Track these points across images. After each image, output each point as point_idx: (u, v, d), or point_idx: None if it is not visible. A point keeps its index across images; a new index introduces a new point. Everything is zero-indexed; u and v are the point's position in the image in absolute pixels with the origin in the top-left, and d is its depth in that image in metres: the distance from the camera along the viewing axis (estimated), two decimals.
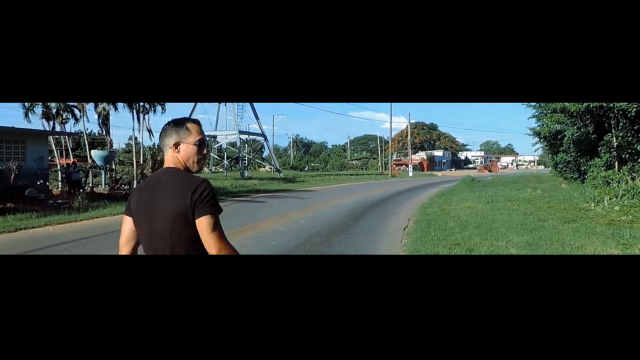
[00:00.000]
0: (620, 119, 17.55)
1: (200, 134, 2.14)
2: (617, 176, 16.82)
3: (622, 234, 8.68)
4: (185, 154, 2.09)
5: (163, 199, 1.98)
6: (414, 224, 11.74)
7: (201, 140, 2.12)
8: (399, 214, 14.24)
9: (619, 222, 10.52)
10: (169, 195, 1.98)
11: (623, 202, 13.11)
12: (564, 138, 23.49)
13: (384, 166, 73.14)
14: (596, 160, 19.89)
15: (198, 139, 2.11)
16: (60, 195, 18.74)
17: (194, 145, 2.09)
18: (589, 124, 19.89)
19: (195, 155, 2.10)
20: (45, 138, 20.45)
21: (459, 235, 9.27)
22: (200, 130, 2.15)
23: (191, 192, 1.94)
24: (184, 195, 1.94)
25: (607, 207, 12.85)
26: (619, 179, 16.45)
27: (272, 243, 8.61)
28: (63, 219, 12.61)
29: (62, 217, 12.78)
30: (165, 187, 2.01)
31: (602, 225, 10.06)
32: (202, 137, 2.14)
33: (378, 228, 11.24)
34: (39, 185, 16.80)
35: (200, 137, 2.13)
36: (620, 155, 18.25)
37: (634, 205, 12.39)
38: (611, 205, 12.90)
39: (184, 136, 2.09)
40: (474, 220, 11.52)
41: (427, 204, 17.05)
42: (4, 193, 14.87)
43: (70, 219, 12.64)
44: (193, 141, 2.09)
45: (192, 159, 2.10)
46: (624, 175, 16.51)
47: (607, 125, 18.88)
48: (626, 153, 17.93)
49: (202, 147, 2.12)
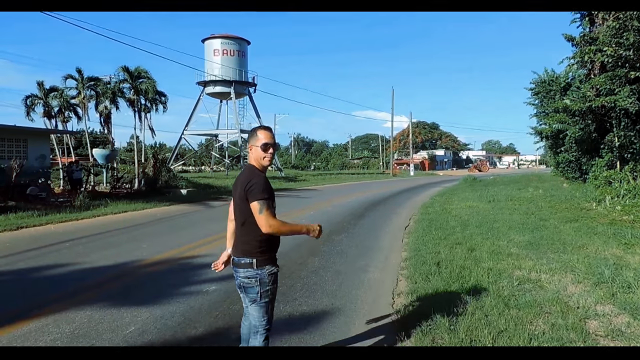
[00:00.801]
0: (622, 119, 17.50)
1: (266, 138, 2.89)
2: (619, 176, 16.78)
3: (623, 234, 8.67)
4: (254, 154, 2.93)
5: (237, 185, 2.91)
6: (415, 223, 11.74)
7: (266, 144, 2.88)
8: (399, 214, 14.23)
9: (621, 221, 10.49)
10: (239, 183, 2.90)
11: (625, 202, 13.08)
12: (565, 137, 23.44)
13: (385, 165, 73.03)
14: (598, 160, 19.83)
15: (263, 143, 2.87)
16: (61, 193, 18.77)
17: (259, 147, 2.88)
18: (591, 123, 19.84)
19: (261, 154, 2.90)
20: (47, 136, 20.48)
21: (460, 234, 9.27)
22: (268, 135, 2.90)
23: (246, 183, 2.82)
24: (242, 185, 2.84)
25: (609, 206, 12.82)
26: (620, 178, 16.41)
27: None
28: (65, 217, 12.63)
29: (64, 216, 12.80)
30: (240, 177, 2.95)
31: (603, 224, 10.04)
32: (267, 141, 2.88)
33: (379, 227, 11.24)
34: (40, 184, 16.83)
35: (266, 141, 2.88)
36: (622, 154, 18.19)
37: (636, 204, 12.35)
38: (613, 205, 12.88)
39: (253, 140, 2.92)
40: (475, 219, 11.51)
41: (428, 203, 17.04)
42: (6, 191, 14.89)
43: (72, 217, 12.65)
44: (259, 144, 2.88)
45: (259, 158, 2.91)
46: (625, 175, 16.46)
47: (608, 125, 18.82)
48: (628, 152, 17.87)
49: (267, 148, 2.88)
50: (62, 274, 6.64)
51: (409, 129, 71.30)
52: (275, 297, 3.01)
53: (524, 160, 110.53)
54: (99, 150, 24.52)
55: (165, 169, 24.53)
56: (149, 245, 8.72)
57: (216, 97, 43.77)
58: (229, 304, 5.11)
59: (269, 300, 2.94)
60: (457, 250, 7.66)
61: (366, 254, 8.01)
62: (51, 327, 4.41)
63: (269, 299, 2.94)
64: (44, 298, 5.40)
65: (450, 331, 4.04)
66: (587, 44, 15.29)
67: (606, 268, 5.98)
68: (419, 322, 4.29)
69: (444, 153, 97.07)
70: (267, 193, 2.78)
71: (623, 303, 4.77)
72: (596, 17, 16.15)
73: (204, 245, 8.76)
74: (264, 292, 2.90)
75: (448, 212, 13.59)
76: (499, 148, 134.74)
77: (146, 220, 12.72)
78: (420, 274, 6.13)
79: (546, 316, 4.47)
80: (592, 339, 3.92)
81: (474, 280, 5.63)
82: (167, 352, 1.95)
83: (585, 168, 22.22)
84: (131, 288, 5.88)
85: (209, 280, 6.13)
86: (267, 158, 2.90)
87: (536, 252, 7.41)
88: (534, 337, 3.91)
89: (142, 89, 23.11)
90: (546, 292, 5.23)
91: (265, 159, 2.90)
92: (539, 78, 27.51)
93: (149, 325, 4.46)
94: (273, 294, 2.97)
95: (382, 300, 5.33)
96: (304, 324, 4.50)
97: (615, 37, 13.82)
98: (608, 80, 15.00)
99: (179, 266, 7.09)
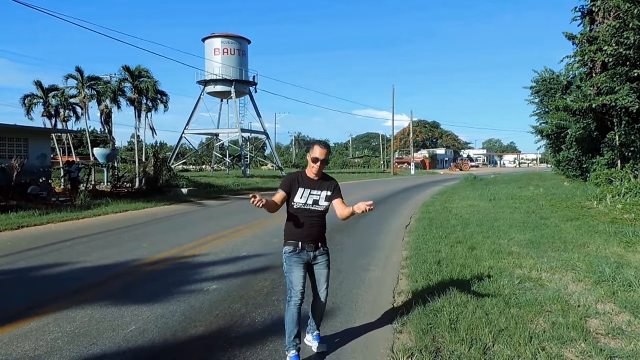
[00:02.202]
0: (623, 117, 17.47)
1: (315, 153, 3.68)
2: (620, 174, 16.77)
3: (624, 232, 8.66)
4: (309, 161, 3.77)
5: None
6: (415, 221, 11.73)
7: (313, 157, 3.69)
8: (400, 212, 14.23)
9: (622, 220, 10.48)
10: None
11: (625, 200, 13.07)
12: (566, 136, 23.41)
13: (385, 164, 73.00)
14: (598, 158, 19.82)
15: (313, 156, 3.70)
16: (62, 192, 18.77)
17: (310, 158, 3.73)
18: (592, 122, 19.82)
19: (309, 164, 3.76)
20: (47, 136, 20.46)
21: (461, 233, 9.26)
22: (318, 150, 3.68)
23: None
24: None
25: (610, 205, 12.82)
26: (621, 177, 16.40)
27: (275, 241, 8.61)
28: (65, 216, 12.64)
29: (65, 215, 12.81)
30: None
31: (604, 223, 10.03)
32: (315, 156, 3.68)
33: (380, 226, 11.23)
34: (41, 183, 16.83)
35: (315, 155, 3.68)
36: (623, 153, 18.17)
37: (637, 203, 12.34)
38: (614, 203, 12.87)
39: (309, 152, 3.79)
40: (476, 218, 11.50)
41: (429, 201, 17.04)
42: (7, 190, 14.90)
43: (73, 217, 12.66)
44: (311, 157, 3.72)
45: (309, 166, 3.76)
46: (626, 173, 16.45)
47: (609, 123, 18.80)
48: (629, 151, 17.85)
49: (313, 161, 3.70)
50: (62, 273, 6.64)
51: (409, 128, 71.29)
52: (291, 273, 3.66)
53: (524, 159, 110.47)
54: (99, 150, 24.53)
55: (166, 168, 24.51)
56: (150, 244, 8.72)
57: (217, 96, 43.75)
58: (230, 303, 5.11)
59: (286, 273, 3.71)
60: (457, 248, 7.66)
61: (367, 252, 8.01)
62: (52, 326, 4.42)
63: (287, 273, 3.71)
64: (44, 297, 5.41)
65: (451, 330, 4.04)
66: (587, 42, 15.26)
67: (607, 266, 5.98)
68: (420, 320, 4.29)
69: (444, 152, 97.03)
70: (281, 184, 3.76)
71: (624, 301, 4.76)
72: (596, 15, 16.11)
73: (204, 244, 8.76)
74: (284, 267, 3.75)
75: (449, 210, 13.58)
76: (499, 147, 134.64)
77: (147, 220, 12.73)
78: (421, 272, 6.13)
79: (547, 315, 4.47)
80: (593, 338, 3.91)
81: (475, 279, 5.63)
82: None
83: (586, 166, 22.20)
84: (132, 287, 5.88)
85: (210, 279, 6.13)
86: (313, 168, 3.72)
87: (537, 250, 7.41)
88: (534, 336, 3.90)
89: (142, 88, 23.09)
90: (547, 291, 5.23)
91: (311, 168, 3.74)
92: (539, 76, 27.48)
93: (149, 324, 4.46)
94: (287, 271, 3.70)
95: (383, 299, 5.33)
96: (304, 324, 4.49)
97: (615, 37, 13.79)
98: (609, 78, 14.97)
99: (179, 265, 7.10)
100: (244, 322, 4.55)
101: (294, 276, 3.64)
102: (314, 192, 3.68)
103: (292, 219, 3.71)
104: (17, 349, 3.89)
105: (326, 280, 3.80)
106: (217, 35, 40.74)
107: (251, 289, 5.69)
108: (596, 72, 16.56)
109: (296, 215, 3.68)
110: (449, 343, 3.82)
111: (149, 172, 22.02)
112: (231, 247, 8.43)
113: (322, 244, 3.80)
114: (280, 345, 3.93)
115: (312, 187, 3.69)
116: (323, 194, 3.70)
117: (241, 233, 9.99)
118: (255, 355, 3.78)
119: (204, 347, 3.94)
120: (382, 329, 4.36)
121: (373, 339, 4.14)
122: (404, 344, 3.90)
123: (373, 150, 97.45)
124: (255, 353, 3.81)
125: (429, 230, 9.80)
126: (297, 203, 3.66)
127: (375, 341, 4.09)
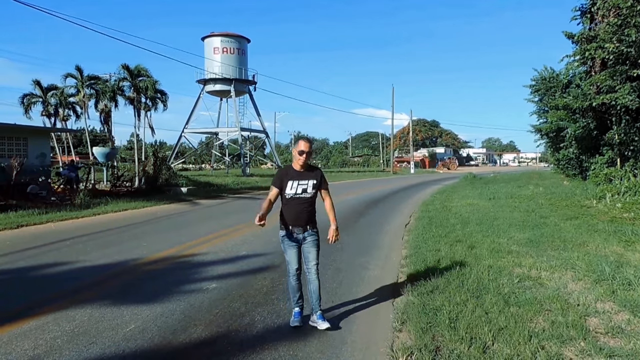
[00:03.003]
0: (623, 116, 17.46)
1: (301, 147, 4.21)
2: (619, 173, 16.76)
3: (624, 231, 8.66)
4: (293, 156, 4.27)
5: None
6: (415, 220, 11.73)
7: (299, 150, 4.20)
8: (400, 211, 14.23)
9: (621, 219, 10.48)
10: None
11: (625, 199, 13.07)
12: (566, 135, 23.42)
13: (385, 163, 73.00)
14: (598, 157, 19.81)
15: (299, 150, 4.21)
16: (62, 192, 18.76)
17: (296, 151, 4.23)
18: (591, 120, 19.81)
19: (294, 157, 4.25)
20: (47, 135, 20.45)
21: (461, 232, 9.26)
22: (303, 144, 4.23)
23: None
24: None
25: (609, 204, 12.82)
26: (621, 176, 16.40)
27: (274, 240, 8.60)
28: (65, 215, 12.63)
29: (64, 214, 12.80)
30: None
31: (604, 222, 10.03)
32: (300, 149, 4.19)
33: (380, 225, 11.23)
34: (41, 182, 16.83)
35: (300, 149, 4.20)
36: (623, 152, 18.17)
37: (636, 202, 12.35)
38: (613, 202, 12.87)
39: (294, 147, 4.30)
40: (476, 217, 11.50)
41: (429, 200, 17.04)
42: (7, 190, 14.89)
43: (72, 216, 12.65)
44: (297, 150, 4.22)
45: (295, 159, 4.25)
46: (626, 172, 16.45)
47: (609, 122, 18.79)
48: (629, 150, 17.84)
49: (299, 154, 4.19)
50: (62, 272, 6.64)
51: (409, 127, 71.28)
52: (286, 253, 4.38)
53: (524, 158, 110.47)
54: (99, 149, 24.54)
55: (166, 167, 24.51)
56: (149, 244, 8.72)
57: (216, 95, 43.75)
58: (229, 302, 5.11)
59: (284, 253, 4.40)
60: (457, 247, 7.65)
61: (367, 251, 8.01)
62: (51, 325, 4.41)
63: (284, 253, 4.40)
64: (44, 296, 5.40)
65: (450, 329, 4.04)
66: (587, 41, 15.25)
67: (606, 265, 5.98)
68: (420, 319, 4.29)
69: (444, 151, 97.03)
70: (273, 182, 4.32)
71: (623, 300, 4.76)
72: (596, 14, 16.11)
73: (204, 243, 8.76)
74: (282, 247, 4.43)
75: (448, 209, 13.58)
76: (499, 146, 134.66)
77: (146, 219, 12.72)
78: (421, 271, 6.12)
79: (546, 313, 4.47)
80: (592, 336, 3.91)
81: (474, 278, 5.63)
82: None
83: (586, 165, 22.21)
84: (131, 286, 5.88)
85: (209, 278, 6.13)
86: (298, 161, 4.23)
87: (536, 249, 7.41)
88: (534, 335, 3.90)
89: (142, 87, 23.09)
90: (546, 290, 5.23)
91: (297, 161, 4.23)
92: (539, 75, 27.47)
93: (149, 323, 4.46)
94: (284, 251, 4.40)
95: (383, 298, 5.32)
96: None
97: (616, 34, 13.79)
98: (608, 77, 14.97)
99: (179, 264, 7.09)
100: (243, 320, 4.55)
101: (289, 255, 4.36)
102: (302, 182, 4.27)
103: (284, 207, 4.35)
104: (17, 348, 3.89)
105: (315, 258, 4.39)
106: (217, 35, 40.72)
107: (251, 288, 5.69)
108: (596, 70, 16.56)
109: (287, 204, 4.31)
110: (449, 342, 3.82)
111: (148, 171, 22.01)
112: (231, 246, 8.42)
113: (311, 226, 4.44)
114: (280, 344, 3.94)
115: (300, 178, 4.27)
116: (310, 182, 4.30)
117: (241, 232, 9.98)
118: (255, 354, 3.78)
119: (203, 346, 3.94)
120: (382, 328, 4.37)
121: (373, 338, 4.14)
122: (404, 343, 3.90)
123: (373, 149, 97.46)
124: (255, 352, 3.81)
125: (428, 229, 9.80)
126: (289, 194, 4.27)
127: (375, 340, 4.09)
